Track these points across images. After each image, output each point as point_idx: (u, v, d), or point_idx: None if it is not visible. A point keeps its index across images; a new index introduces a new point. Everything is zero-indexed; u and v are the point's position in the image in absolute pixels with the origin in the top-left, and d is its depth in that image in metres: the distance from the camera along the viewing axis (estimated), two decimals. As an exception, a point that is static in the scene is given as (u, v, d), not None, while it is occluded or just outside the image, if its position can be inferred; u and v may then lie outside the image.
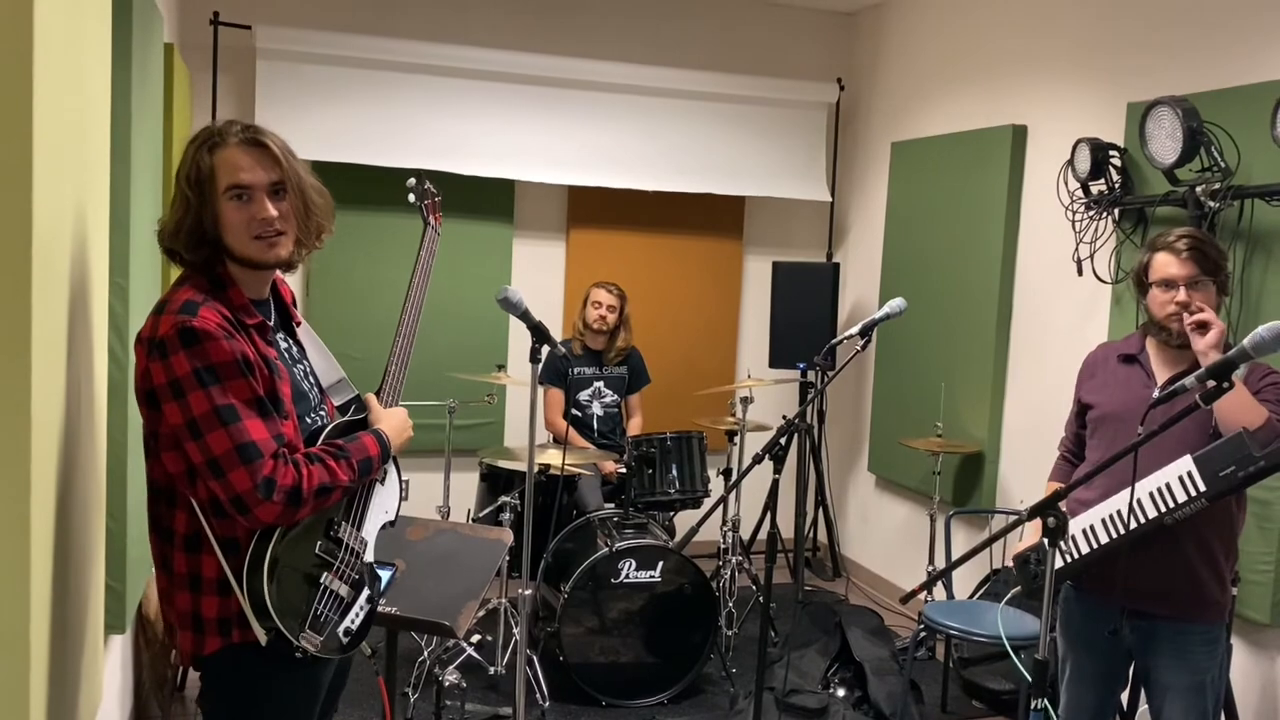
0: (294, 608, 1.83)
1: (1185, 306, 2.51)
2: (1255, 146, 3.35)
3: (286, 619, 1.81)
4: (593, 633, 4.00)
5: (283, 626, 1.80)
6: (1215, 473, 2.37)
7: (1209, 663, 2.60)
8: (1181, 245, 2.52)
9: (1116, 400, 2.68)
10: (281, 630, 1.81)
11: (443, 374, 4.68)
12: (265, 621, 1.80)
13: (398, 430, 2.06)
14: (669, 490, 4.42)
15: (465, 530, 2.60)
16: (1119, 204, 3.94)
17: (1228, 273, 2.59)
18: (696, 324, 5.92)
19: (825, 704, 3.80)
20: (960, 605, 3.93)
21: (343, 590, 1.92)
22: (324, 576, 1.89)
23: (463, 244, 5.29)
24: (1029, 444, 4.55)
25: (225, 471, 1.74)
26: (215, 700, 1.91)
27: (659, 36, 5.70)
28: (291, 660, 1.86)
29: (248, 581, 1.80)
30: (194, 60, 4.80)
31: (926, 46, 5.37)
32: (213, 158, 1.84)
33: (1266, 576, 3.30)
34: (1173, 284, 2.53)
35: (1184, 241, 2.53)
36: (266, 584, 1.78)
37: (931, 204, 5.14)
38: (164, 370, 1.76)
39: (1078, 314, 4.27)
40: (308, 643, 1.84)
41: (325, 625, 1.88)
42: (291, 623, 1.82)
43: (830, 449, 5.89)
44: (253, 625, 1.81)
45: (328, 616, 1.89)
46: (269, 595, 1.78)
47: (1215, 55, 3.65)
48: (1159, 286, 2.56)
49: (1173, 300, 2.52)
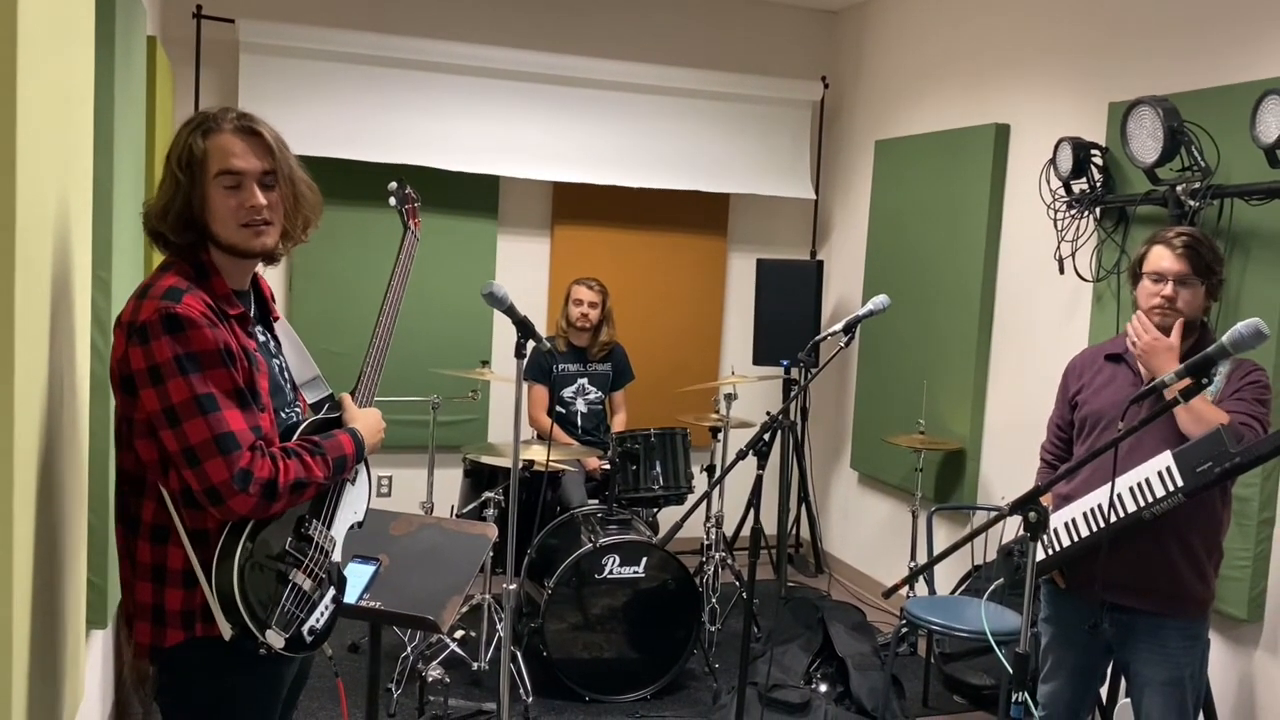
0: (261, 603, 1.81)
1: (1170, 301, 2.55)
2: (1235, 146, 3.38)
3: (253, 614, 1.79)
4: (576, 628, 4.00)
5: (249, 622, 1.78)
6: (1193, 468, 2.40)
7: (1188, 658, 2.63)
8: (1178, 242, 2.57)
9: (1105, 399, 2.71)
10: (247, 626, 1.78)
11: (426, 370, 4.67)
12: (231, 616, 1.78)
13: (371, 430, 2.05)
14: (653, 486, 4.43)
15: (449, 525, 2.60)
16: (1100, 203, 3.96)
17: (1221, 277, 2.62)
18: (681, 321, 5.93)
19: (808, 699, 3.81)
20: (942, 601, 3.96)
21: (310, 588, 1.91)
22: (292, 573, 1.87)
23: (447, 240, 5.28)
24: (1010, 441, 4.58)
25: (201, 461, 1.72)
26: (175, 695, 1.89)
27: (644, 33, 5.70)
28: (254, 657, 1.83)
29: (216, 575, 1.77)
30: (177, 54, 4.77)
31: (911, 45, 5.39)
32: (206, 142, 1.83)
33: (1244, 572, 3.34)
34: (1162, 278, 2.58)
35: (1181, 239, 2.58)
36: (235, 578, 1.76)
37: (915, 202, 5.16)
38: (144, 355, 1.73)
39: (1059, 312, 4.30)
40: (272, 640, 1.82)
41: (291, 623, 1.86)
42: (257, 619, 1.80)
43: (813, 446, 5.91)
44: (217, 620, 1.78)
45: (294, 614, 1.87)
46: (236, 590, 1.76)
47: (1196, 55, 3.68)
48: (1150, 278, 2.61)
49: (1159, 293, 2.57)
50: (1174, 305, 2.55)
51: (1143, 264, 2.64)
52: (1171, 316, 2.56)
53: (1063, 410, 2.88)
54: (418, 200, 2.51)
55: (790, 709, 3.76)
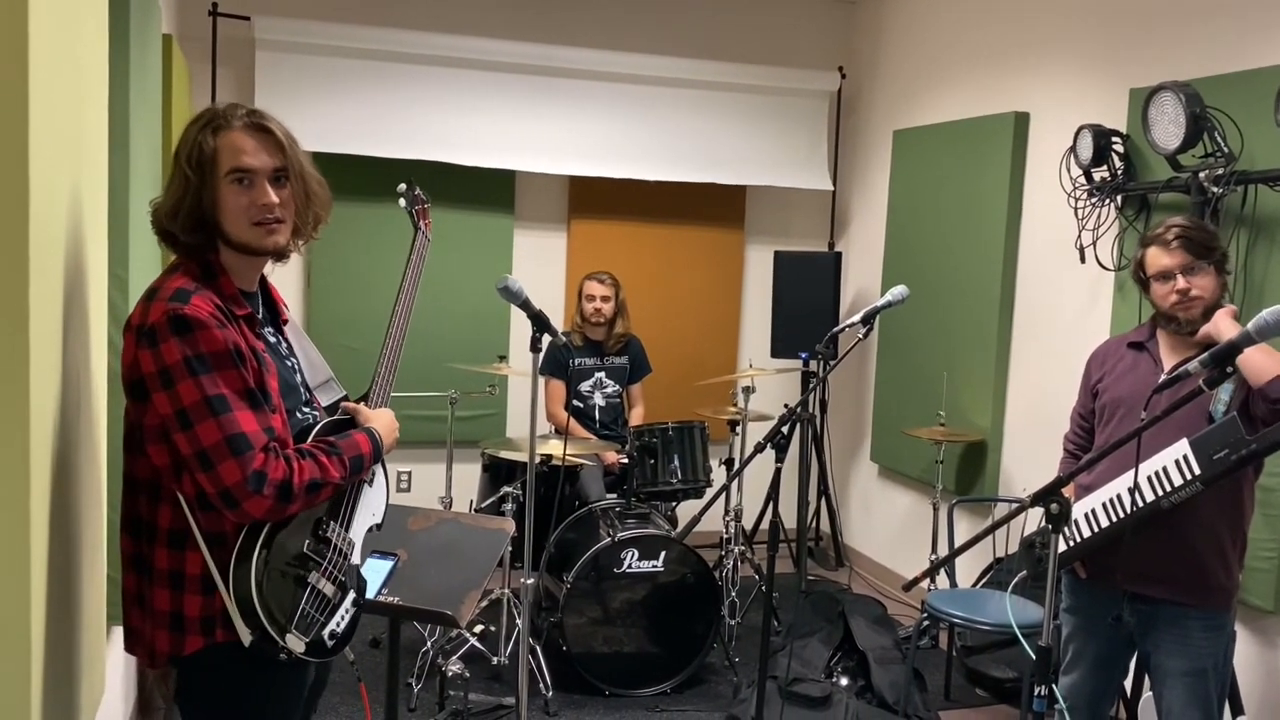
0: (280, 608, 1.78)
1: (1185, 294, 2.54)
2: (1258, 132, 3.33)
3: (272, 619, 1.76)
4: (595, 623, 4.00)
5: (268, 626, 1.76)
6: (1209, 456, 2.40)
7: (1211, 649, 2.60)
8: (1169, 236, 2.58)
9: (1125, 386, 2.70)
10: (267, 630, 1.76)
11: (444, 365, 4.68)
12: (250, 621, 1.76)
13: (387, 431, 2.04)
14: (671, 480, 4.42)
15: (467, 520, 2.60)
16: (1122, 190, 3.92)
17: (1223, 252, 2.62)
18: (698, 314, 5.91)
19: (828, 693, 3.80)
20: (963, 594, 3.93)
21: (329, 591, 1.89)
22: (311, 576, 1.85)
23: (463, 235, 5.29)
24: (1032, 432, 4.54)
25: (215, 464, 1.69)
26: (195, 701, 1.88)
27: (659, 25, 5.68)
28: (274, 662, 1.81)
29: (233, 579, 1.75)
30: (193, 52, 4.79)
31: (928, 34, 5.35)
32: (216, 139, 1.81)
33: (1270, 563, 3.30)
34: (1169, 274, 2.58)
35: (1171, 232, 2.59)
36: (253, 582, 1.74)
37: (934, 192, 5.12)
38: (153, 359, 1.71)
39: (1080, 301, 4.25)
40: (293, 644, 1.79)
41: (311, 627, 1.84)
42: (277, 623, 1.77)
43: (832, 438, 5.88)
44: (236, 625, 1.76)
45: (313, 618, 1.84)
46: (255, 594, 1.74)
47: (1218, 40, 3.63)
48: (1157, 280, 2.61)
49: (1173, 290, 2.57)
50: (1190, 295, 2.55)
51: (1145, 269, 2.64)
52: (1195, 306, 2.55)
53: (1085, 400, 2.86)
54: (428, 201, 2.50)
55: (811, 703, 3.74)
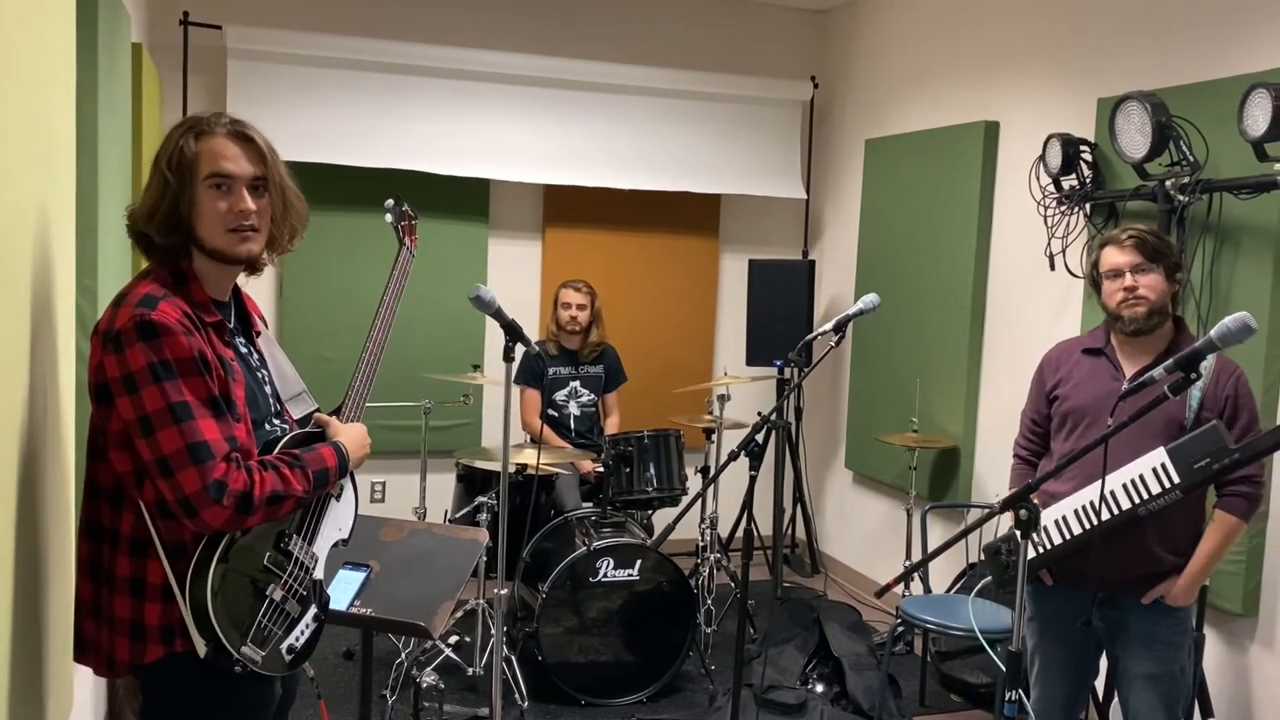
0: (236, 619, 1.76)
1: (1132, 290, 2.61)
2: (1223, 140, 3.38)
3: (227, 630, 1.74)
4: (571, 632, 3.99)
5: (223, 638, 1.74)
6: (1190, 465, 2.42)
7: (1177, 653, 2.63)
8: (1123, 236, 2.65)
9: (1085, 393, 2.71)
10: (221, 642, 1.74)
11: (418, 375, 4.66)
12: (204, 631, 1.74)
13: (357, 445, 2.02)
14: (646, 489, 4.42)
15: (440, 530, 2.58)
16: (1090, 199, 3.96)
17: (1175, 261, 2.67)
18: (673, 322, 5.92)
19: (804, 700, 3.81)
20: (937, 600, 3.95)
21: (289, 605, 1.87)
22: (270, 589, 1.83)
23: (438, 244, 5.26)
24: (1004, 438, 4.55)
25: (175, 471, 1.68)
26: (155, 713, 1.86)
27: (633, 35, 5.70)
28: (232, 675, 1.79)
29: (190, 589, 1.73)
30: (164, 61, 4.75)
31: (899, 44, 5.39)
32: (198, 144, 1.81)
33: (1239, 567, 3.33)
34: (1119, 272, 2.63)
35: (1126, 233, 2.66)
36: (209, 593, 1.72)
37: (905, 200, 5.15)
38: (118, 364, 1.71)
39: (1051, 308, 4.29)
40: (248, 657, 1.78)
41: (268, 640, 1.82)
42: (232, 634, 1.75)
43: (807, 445, 5.90)
44: (192, 635, 1.74)
45: (271, 631, 1.83)
46: (210, 605, 1.72)
47: (1184, 50, 3.68)
48: (1108, 278, 2.67)
49: (1121, 287, 2.63)
50: (1138, 293, 2.60)
51: (1099, 269, 2.70)
52: (1140, 305, 2.60)
53: (1039, 404, 2.88)
54: (415, 217, 2.49)
55: (786, 710, 3.75)
